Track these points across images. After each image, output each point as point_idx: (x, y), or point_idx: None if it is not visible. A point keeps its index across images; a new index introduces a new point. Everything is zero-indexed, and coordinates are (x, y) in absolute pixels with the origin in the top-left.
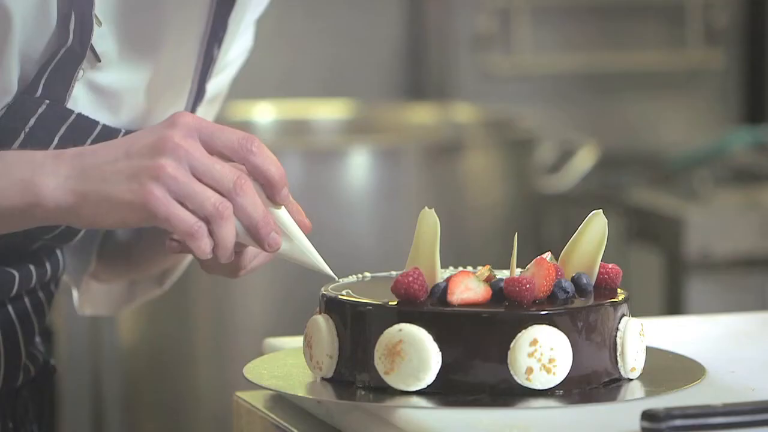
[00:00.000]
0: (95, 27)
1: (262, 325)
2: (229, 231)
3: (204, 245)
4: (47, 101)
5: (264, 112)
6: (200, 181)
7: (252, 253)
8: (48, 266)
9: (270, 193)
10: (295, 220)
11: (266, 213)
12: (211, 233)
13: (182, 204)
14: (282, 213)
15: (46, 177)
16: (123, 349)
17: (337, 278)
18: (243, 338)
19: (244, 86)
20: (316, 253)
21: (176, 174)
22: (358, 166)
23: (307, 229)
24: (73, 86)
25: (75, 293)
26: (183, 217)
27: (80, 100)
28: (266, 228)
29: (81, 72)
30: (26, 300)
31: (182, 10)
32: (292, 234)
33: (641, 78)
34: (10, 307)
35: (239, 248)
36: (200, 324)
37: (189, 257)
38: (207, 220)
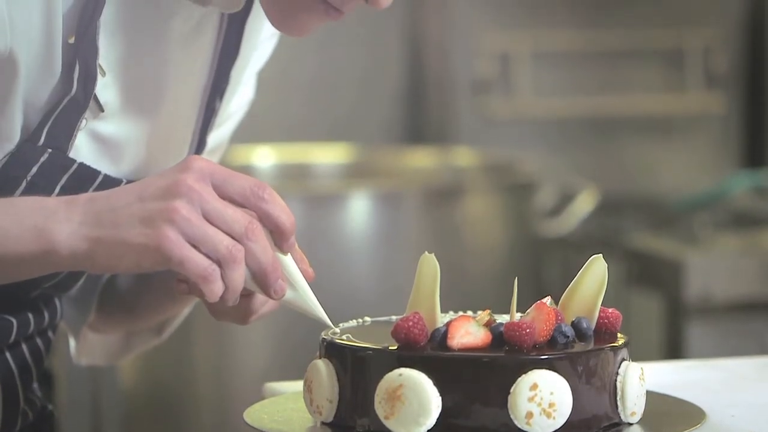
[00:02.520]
0: (99, 77)
1: (262, 370)
2: (241, 275)
3: (217, 288)
4: (50, 150)
5: (264, 157)
6: (212, 224)
7: (262, 299)
8: (46, 314)
9: (278, 240)
10: (299, 268)
11: (275, 260)
12: (222, 276)
13: (195, 247)
14: (288, 260)
15: (60, 223)
16: (123, 393)
17: (336, 329)
18: (243, 382)
19: (245, 130)
20: (317, 302)
21: (190, 216)
22: (359, 210)
23: (310, 278)
24: (75, 135)
25: (72, 343)
26: (197, 260)
27: (82, 150)
28: (274, 275)
29: (84, 121)
30: (24, 347)
31: (185, 61)
32: (296, 282)
33: (641, 122)
34: (8, 354)
35: (246, 293)
36: (200, 368)
37: (189, 307)
38: (219, 264)
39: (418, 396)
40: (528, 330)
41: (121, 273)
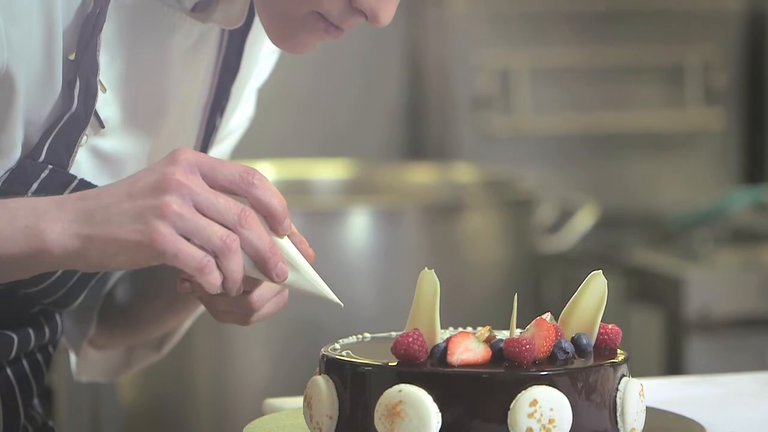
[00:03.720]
0: (100, 93)
1: (262, 386)
2: (238, 264)
3: (214, 279)
4: (50, 166)
5: (265, 172)
6: (204, 216)
7: (262, 297)
8: (47, 330)
9: (272, 224)
10: (298, 250)
11: (272, 244)
12: (219, 267)
13: (189, 240)
14: (286, 243)
15: (51, 222)
16: (123, 408)
17: (342, 305)
18: (243, 398)
19: (245, 146)
20: (322, 281)
21: (181, 210)
22: (358, 226)
23: (311, 258)
24: (76, 152)
25: (73, 359)
26: (191, 252)
27: (83, 166)
28: (274, 258)
29: (84, 138)
30: (25, 363)
31: (185, 78)
32: (298, 264)
33: (641, 138)
34: (8, 370)
35: (248, 286)
36: (200, 384)
37: (189, 322)
38: (215, 254)
39: (418, 412)
40: (528, 346)
41: (116, 270)
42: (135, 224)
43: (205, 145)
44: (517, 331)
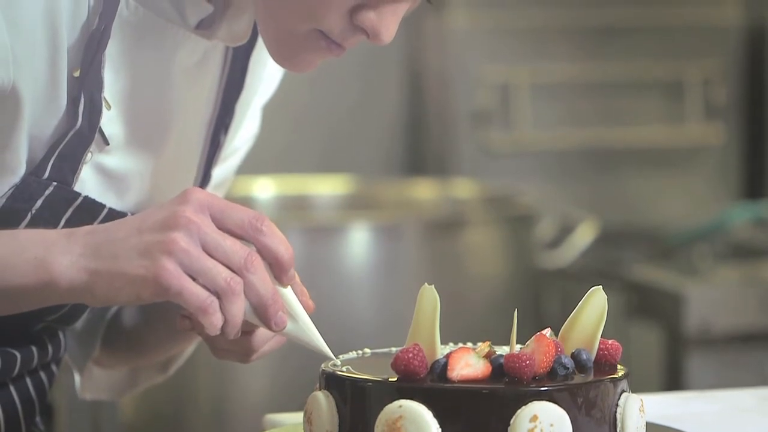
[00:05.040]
0: (104, 110)
1: (262, 401)
2: (239, 307)
3: (216, 320)
4: (54, 183)
5: (264, 188)
6: (211, 256)
7: (263, 337)
8: (50, 347)
9: (277, 272)
10: (299, 301)
11: (275, 292)
12: (221, 309)
13: (194, 279)
14: (288, 293)
15: (60, 255)
16: (123, 425)
17: (336, 360)
18: (243, 414)
19: (245, 162)
20: (318, 334)
21: (188, 248)
22: (359, 241)
23: (311, 310)
24: (80, 169)
25: (77, 378)
26: (195, 291)
27: (87, 183)
28: (274, 306)
29: (89, 155)
30: (28, 380)
31: (190, 95)
32: (297, 314)
33: (641, 154)
34: (11, 387)
35: (247, 328)
36: (201, 399)
37: (193, 345)
38: (218, 296)
39: (418, 428)
40: (528, 362)
41: (121, 305)
42: (142, 260)
43: (209, 162)
44: (517, 347)
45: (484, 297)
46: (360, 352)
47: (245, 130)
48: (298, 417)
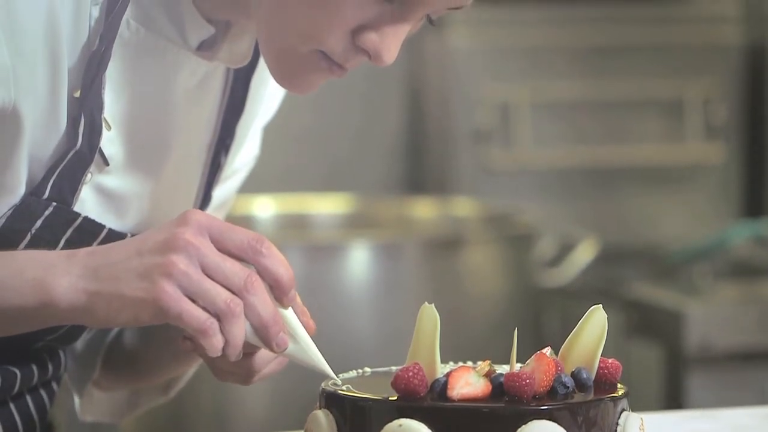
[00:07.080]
0: (104, 131)
1: (262, 420)
2: (240, 329)
3: (217, 342)
4: (54, 203)
5: (264, 207)
6: (210, 278)
7: (264, 358)
8: (50, 365)
9: (278, 294)
10: (300, 321)
11: (276, 313)
12: (221, 331)
13: (193, 301)
14: (289, 314)
15: (59, 277)
16: None
17: (338, 380)
18: None
19: (245, 180)
20: (320, 354)
21: (188, 270)
22: (358, 260)
23: (312, 331)
24: (80, 189)
25: (77, 400)
26: (195, 313)
27: (87, 203)
28: (275, 328)
29: (89, 175)
30: (28, 398)
31: (190, 116)
32: (298, 335)
33: (641, 172)
34: (11, 405)
35: (248, 349)
36: (201, 419)
37: (194, 367)
38: (218, 317)
39: None
40: (528, 380)
41: (121, 327)
42: (141, 282)
43: (209, 183)
44: (517, 366)
45: (484, 316)
46: (360, 371)
47: (246, 151)
48: None
